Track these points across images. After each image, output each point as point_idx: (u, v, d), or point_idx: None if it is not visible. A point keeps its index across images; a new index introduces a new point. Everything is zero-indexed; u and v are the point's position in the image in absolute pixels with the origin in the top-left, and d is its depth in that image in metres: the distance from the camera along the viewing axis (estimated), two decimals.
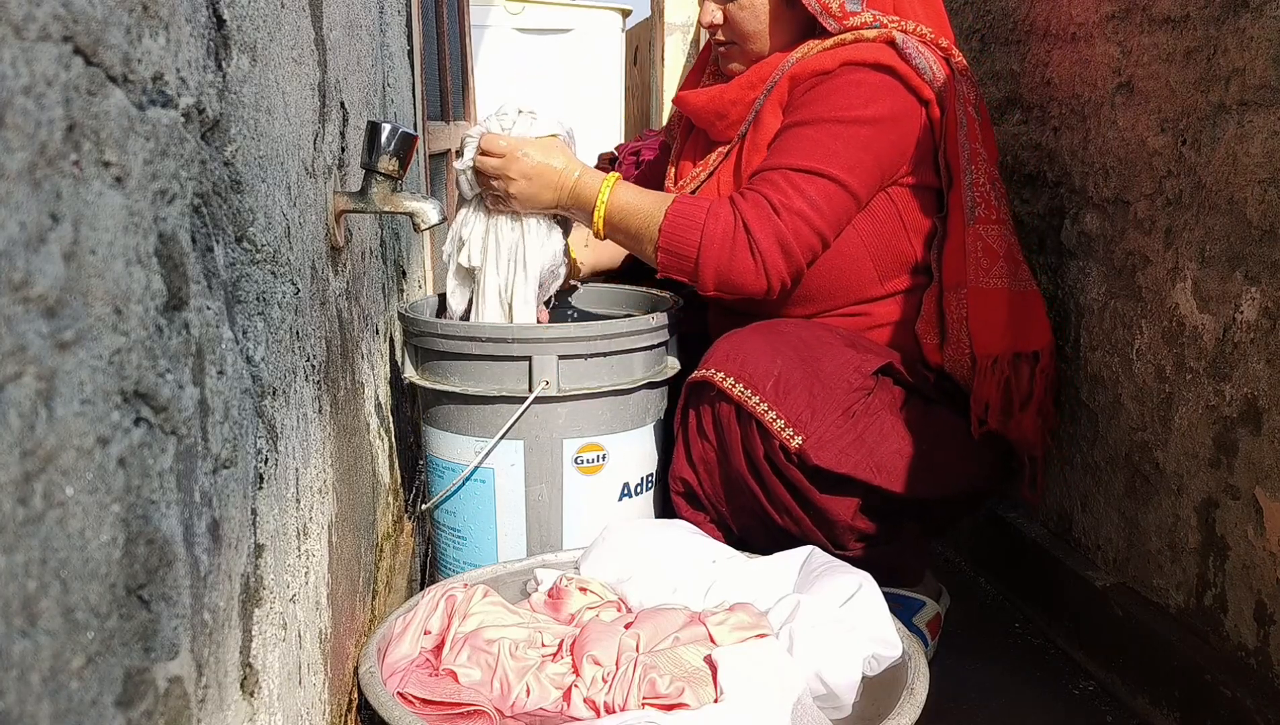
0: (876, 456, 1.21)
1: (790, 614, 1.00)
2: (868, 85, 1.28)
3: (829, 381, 1.21)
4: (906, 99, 1.29)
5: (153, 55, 0.48)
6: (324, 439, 0.92)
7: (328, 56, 1.04)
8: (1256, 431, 1.06)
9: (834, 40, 1.32)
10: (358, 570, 1.12)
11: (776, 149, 1.29)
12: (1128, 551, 1.32)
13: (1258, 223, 1.04)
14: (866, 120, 1.27)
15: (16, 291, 0.34)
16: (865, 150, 1.27)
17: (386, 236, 1.63)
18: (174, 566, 0.48)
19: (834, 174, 1.25)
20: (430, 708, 0.93)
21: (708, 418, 1.26)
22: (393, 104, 1.87)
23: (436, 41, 3.04)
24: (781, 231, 1.23)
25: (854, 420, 1.21)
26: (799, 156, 1.26)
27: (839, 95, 1.28)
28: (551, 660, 0.99)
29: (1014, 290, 1.30)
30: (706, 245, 1.24)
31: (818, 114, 1.27)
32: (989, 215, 1.30)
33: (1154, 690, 1.21)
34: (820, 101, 1.28)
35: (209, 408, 0.55)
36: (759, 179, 1.27)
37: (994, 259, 1.29)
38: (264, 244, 0.70)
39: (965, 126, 1.30)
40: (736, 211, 1.24)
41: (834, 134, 1.26)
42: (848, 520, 1.22)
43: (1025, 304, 1.31)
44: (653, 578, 1.12)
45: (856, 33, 1.31)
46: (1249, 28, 1.05)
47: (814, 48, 1.33)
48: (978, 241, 1.29)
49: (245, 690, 0.61)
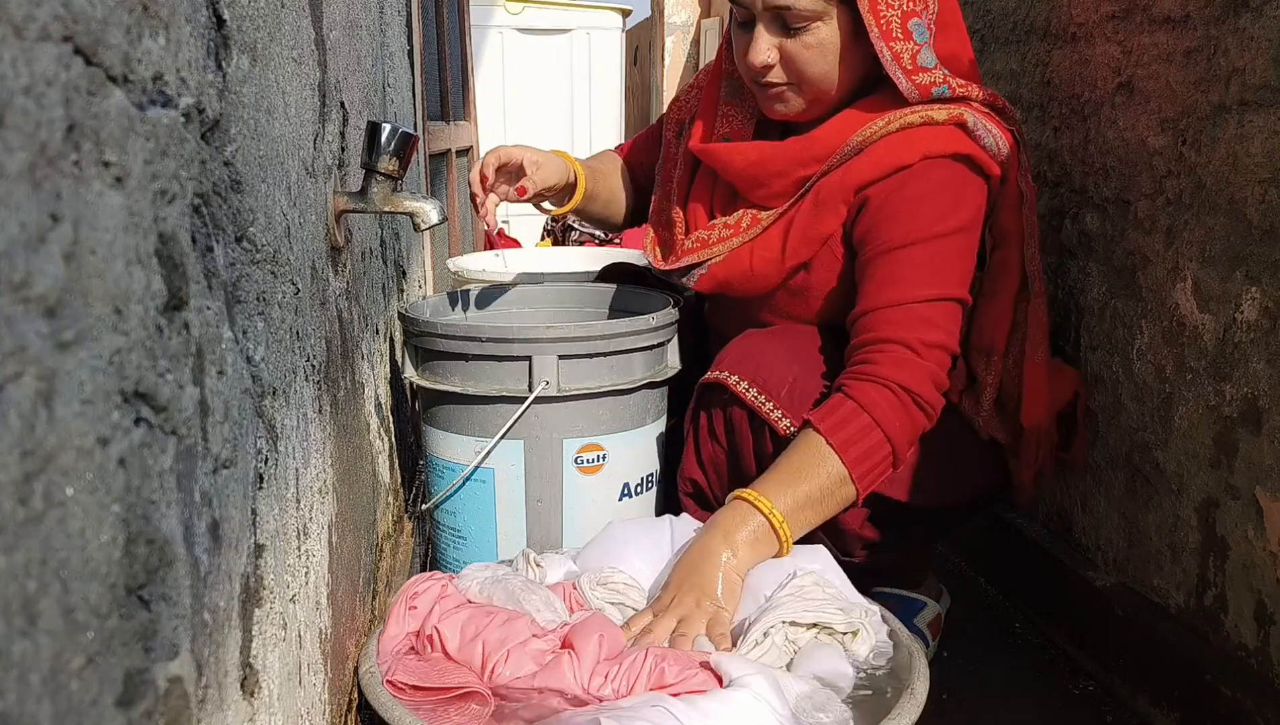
0: None
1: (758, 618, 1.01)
2: (953, 185, 1.19)
3: None
4: (982, 186, 1.22)
5: (153, 55, 0.48)
6: (324, 439, 0.92)
7: (328, 56, 1.04)
8: (1256, 431, 1.06)
9: (900, 123, 1.20)
10: (358, 570, 1.12)
11: (881, 279, 1.18)
12: (1128, 551, 1.32)
13: (1258, 223, 1.04)
14: (963, 228, 1.19)
15: (16, 291, 0.34)
16: (966, 256, 1.21)
17: (386, 236, 1.63)
18: (174, 566, 0.48)
19: (952, 294, 1.18)
20: (421, 694, 0.93)
21: (719, 420, 1.25)
22: (393, 104, 1.87)
23: (436, 41, 3.04)
24: (930, 371, 1.15)
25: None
26: (916, 286, 1.16)
27: (930, 205, 1.18)
28: (537, 638, 0.98)
29: (1051, 356, 1.31)
30: (894, 435, 1.13)
31: (914, 233, 1.17)
32: (1040, 289, 1.27)
33: (1154, 690, 1.21)
34: (913, 215, 1.18)
35: (209, 408, 0.55)
36: (877, 321, 1.16)
37: (1044, 333, 1.28)
38: (264, 244, 0.70)
39: (1026, 200, 1.24)
40: (883, 382, 1.13)
41: (939, 251, 1.18)
42: (856, 529, 1.22)
43: (1059, 367, 1.33)
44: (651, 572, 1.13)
45: (923, 114, 1.20)
46: (1249, 28, 1.05)
47: (878, 130, 1.20)
48: (1035, 316, 1.26)
49: (245, 690, 0.61)
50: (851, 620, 1.01)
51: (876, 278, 1.19)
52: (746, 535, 1.07)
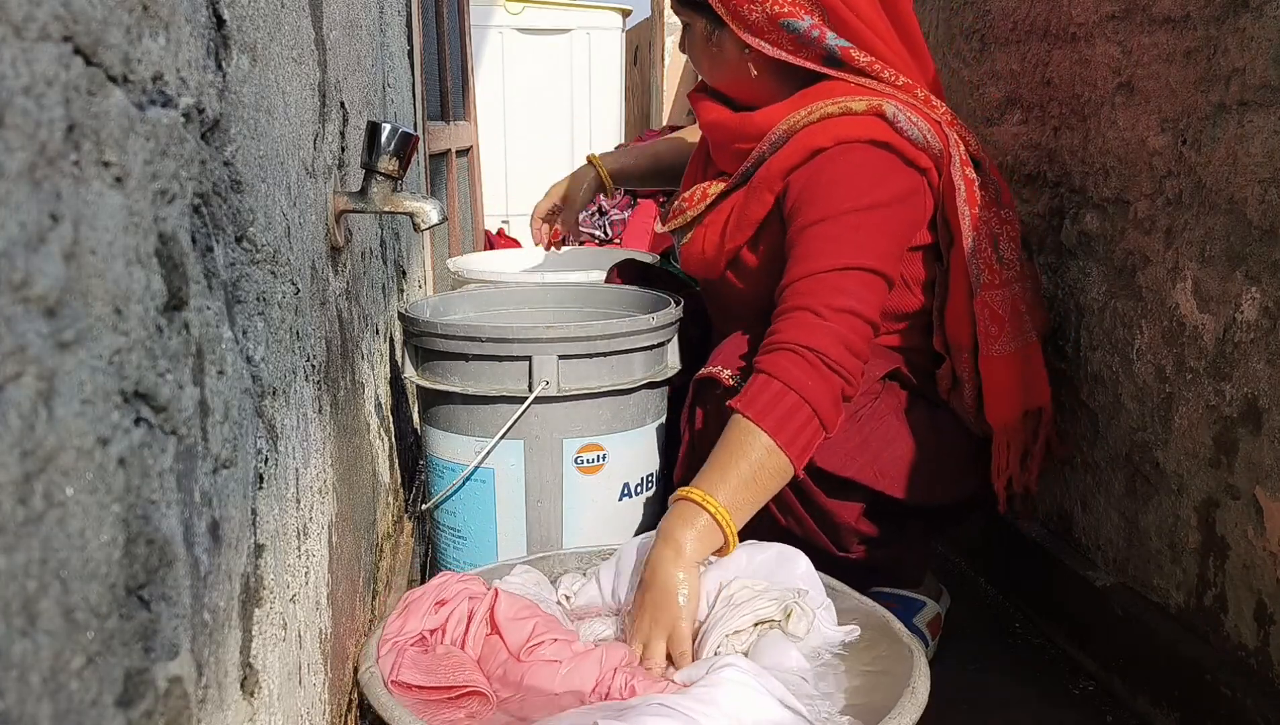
0: (880, 462, 1.21)
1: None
2: (869, 166, 1.24)
3: None
4: (908, 173, 1.25)
5: (153, 55, 0.48)
6: (324, 439, 0.92)
7: (328, 56, 1.04)
8: (1256, 431, 1.06)
9: (820, 113, 1.26)
10: (358, 570, 1.12)
11: (799, 256, 1.21)
12: (1128, 551, 1.32)
13: (1258, 222, 1.04)
14: (880, 204, 1.22)
15: (16, 291, 0.34)
16: (883, 232, 1.22)
17: (386, 236, 1.63)
18: (174, 566, 0.48)
19: (865, 264, 1.19)
20: (424, 692, 0.94)
21: (714, 415, 1.25)
22: (393, 104, 1.87)
23: (436, 41, 3.04)
24: (838, 332, 1.16)
25: (859, 424, 1.21)
26: (826, 258, 1.19)
27: (845, 185, 1.22)
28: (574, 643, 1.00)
29: (1018, 351, 1.28)
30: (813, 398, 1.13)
31: (828, 210, 1.21)
32: (993, 280, 1.27)
33: (1154, 690, 1.21)
34: (827, 194, 1.22)
35: (209, 408, 0.55)
36: (792, 292, 1.19)
37: (1000, 326, 1.27)
38: (264, 244, 0.70)
39: (964, 191, 1.25)
40: (788, 348, 1.15)
41: (852, 225, 1.21)
42: (851, 523, 1.22)
43: (1029, 362, 1.30)
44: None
45: (842, 104, 1.26)
46: (1249, 28, 1.05)
47: (800, 120, 1.27)
48: (984, 309, 1.26)
49: (245, 690, 0.61)
50: (785, 604, 1.01)
51: (795, 256, 1.22)
52: (693, 535, 1.08)
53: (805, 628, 1.00)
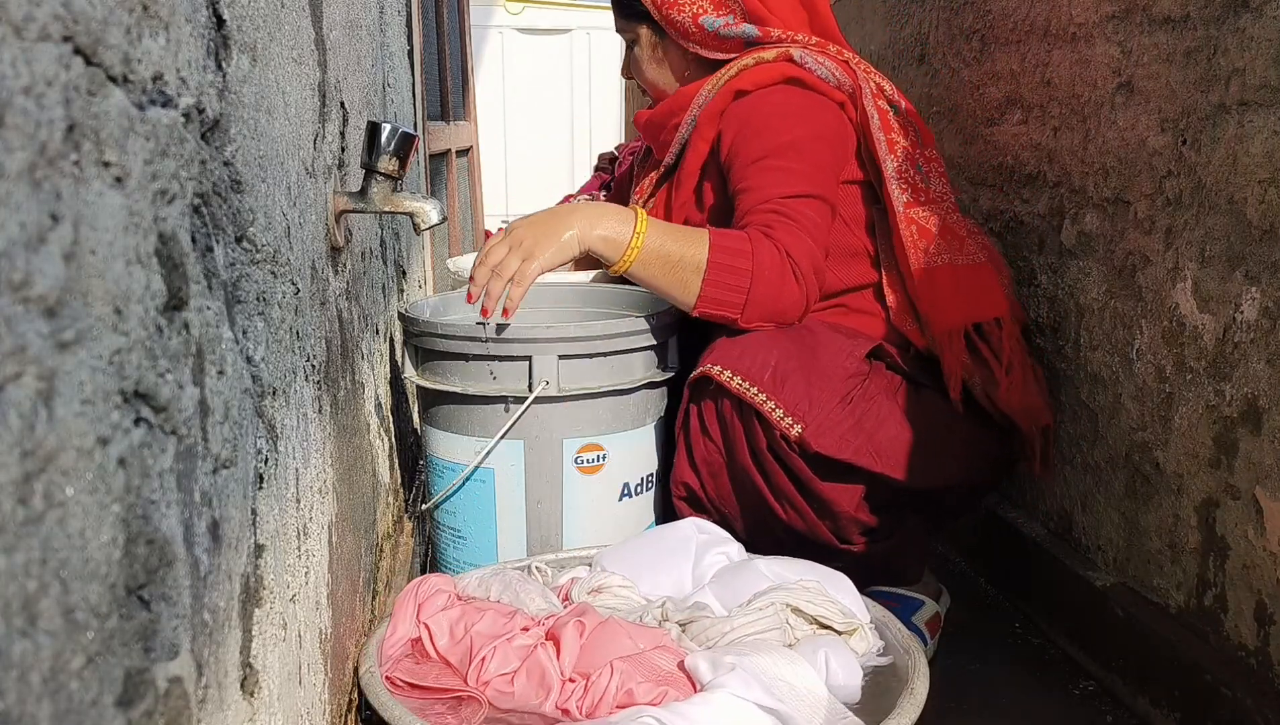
0: (875, 442, 1.22)
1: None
2: (792, 102, 1.35)
3: (825, 369, 1.23)
4: (826, 105, 1.36)
5: (153, 55, 0.48)
6: (324, 439, 0.92)
7: (328, 56, 1.04)
8: (1256, 431, 1.06)
9: (737, 67, 1.39)
10: (358, 570, 1.12)
11: (752, 188, 1.31)
12: (1128, 551, 1.32)
13: (1258, 223, 1.04)
14: (809, 135, 1.33)
15: (16, 291, 0.34)
16: (818, 160, 1.33)
17: (386, 236, 1.63)
18: (174, 566, 0.48)
19: (813, 191, 1.30)
20: (419, 692, 0.94)
21: (710, 415, 1.26)
22: (393, 104, 1.87)
23: (436, 41, 3.04)
24: (814, 251, 1.27)
25: (851, 406, 1.22)
26: (780, 186, 1.29)
27: (774, 121, 1.33)
28: (525, 632, 0.99)
29: (958, 264, 1.34)
30: (757, 280, 1.23)
31: (767, 146, 1.32)
32: (916, 198, 1.35)
33: (1154, 690, 1.21)
34: (760, 132, 1.33)
35: (209, 408, 0.55)
36: (759, 214, 1.28)
37: (929, 238, 1.34)
38: (264, 244, 0.70)
39: (877, 119, 1.36)
40: (774, 241, 1.25)
41: (793, 157, 1.31)
42: (850, 511, 1.23)
43: (974, 277, 1.35)
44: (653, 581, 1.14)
45: (755, 55, 1.39)
46: (1249, 28, 1.05)
47: (722, 76, 1.40)
48: (911, 225, 1.33)
49: (245, 690, 0.61)
50: (850, 621, 1.02)
51: (748, 186, 1.32)
52: (607, 229, 1.24)
53: (863, 649, 1.01)
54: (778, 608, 1.01)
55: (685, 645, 0.99)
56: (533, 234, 1.24)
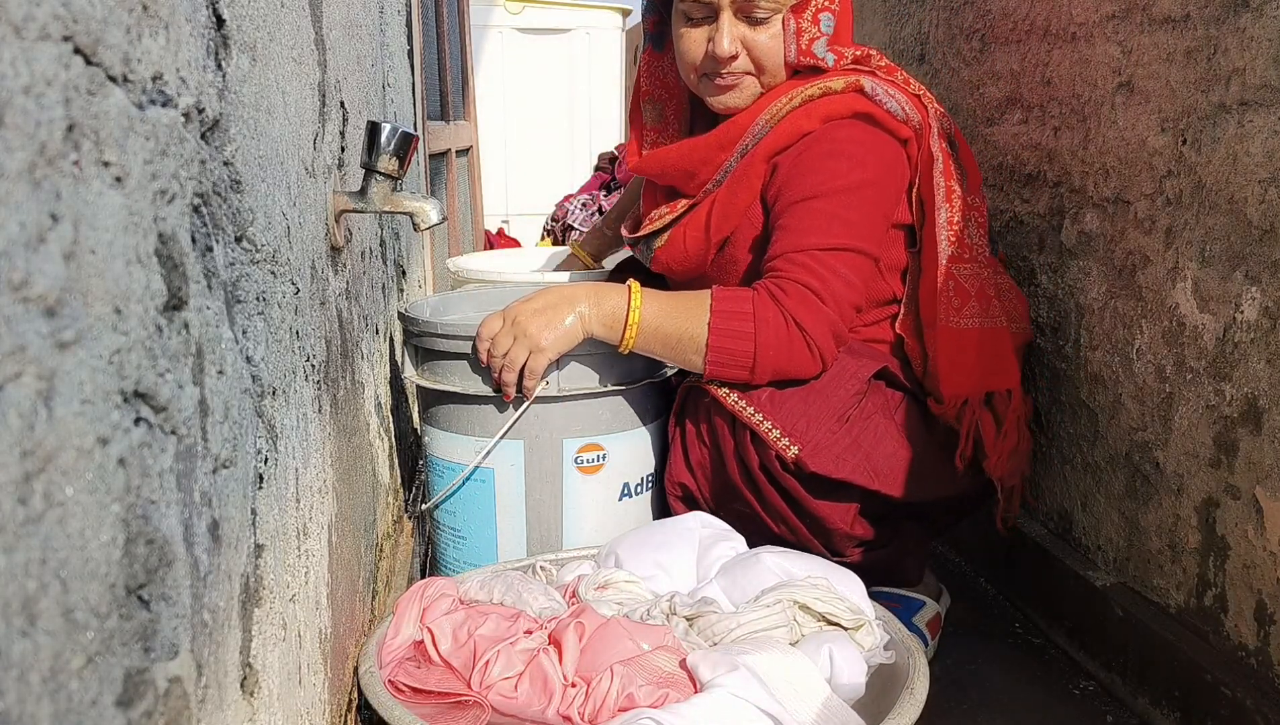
0: (873, 461, 1.21)
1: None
2: (857, 142, 1.26)
3: (823, 388, 1.21)
4: (891, 145, 1.28)
5: (153, 55, 0.48)
6: (324, 439, 0.92)
7: (328, 56, 1.04)
8: (1257, 431, 1.06)
9: (802, 97, 1.29)
10: (358, 570, 1.12)
11: (791, 228, 1.24)
12: (1128, 551, 1.32)
13: (1258, 222, 1.04)
14: (869, 181, 1.25)
15: (16, 291, 0.34)
16: (874, 210, 1.26)
17: (386, 236, 1.63)
18: (174, 566, 0.48)
19: (858, 246, 1.23)
20: (420, 696, 0.94)
21: (704, 424, 1.26)
22: (393, 104, 1.87)
23: (436, 41, 3.04)
24: (833, 321, 1.21)
25: (849, 425, 1.21)
26: (821, 235, 1.22)
27: (836, 160, 1.25)
28: (528, 634, 0.99)
29: (984, 327, 1.30)
30: (762, 351, 1.19)
31: (821, 186, 1.24)
32: (961, 254, 1.30)
33: (1154, 690, 1.21)
34: (818, 170, 1.25)
35: (209, 408, 0.55)
36: (788, 263, 1.22)
37: (965, 298, 1.29)
38: (264, 244, 0.70)
39: (940, 163, 1.29)
40: (783, 309, 1.19)
41: (845, 204, 1.23)
42: (845, 528, 1.22)
43: (995, 341, 1.31)
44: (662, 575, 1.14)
45: (822, 85, 1.29)
46: (1249, 28, 1.05)
47: (783, 106, 1.30)
48: (949, 280, 1.28)
49: (245, 690, 0.61)
50: (857, 618, 1.02)
51: (785, 227, 1.25)
52: (604, 314, 1.21)
53: (869, 646, 1.01)
54: (785, 604, 1.01)
55: (691, 640, 0.99)
56: (536, 323, 1.20)
